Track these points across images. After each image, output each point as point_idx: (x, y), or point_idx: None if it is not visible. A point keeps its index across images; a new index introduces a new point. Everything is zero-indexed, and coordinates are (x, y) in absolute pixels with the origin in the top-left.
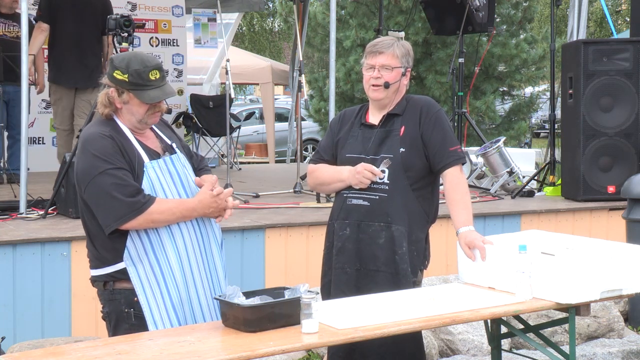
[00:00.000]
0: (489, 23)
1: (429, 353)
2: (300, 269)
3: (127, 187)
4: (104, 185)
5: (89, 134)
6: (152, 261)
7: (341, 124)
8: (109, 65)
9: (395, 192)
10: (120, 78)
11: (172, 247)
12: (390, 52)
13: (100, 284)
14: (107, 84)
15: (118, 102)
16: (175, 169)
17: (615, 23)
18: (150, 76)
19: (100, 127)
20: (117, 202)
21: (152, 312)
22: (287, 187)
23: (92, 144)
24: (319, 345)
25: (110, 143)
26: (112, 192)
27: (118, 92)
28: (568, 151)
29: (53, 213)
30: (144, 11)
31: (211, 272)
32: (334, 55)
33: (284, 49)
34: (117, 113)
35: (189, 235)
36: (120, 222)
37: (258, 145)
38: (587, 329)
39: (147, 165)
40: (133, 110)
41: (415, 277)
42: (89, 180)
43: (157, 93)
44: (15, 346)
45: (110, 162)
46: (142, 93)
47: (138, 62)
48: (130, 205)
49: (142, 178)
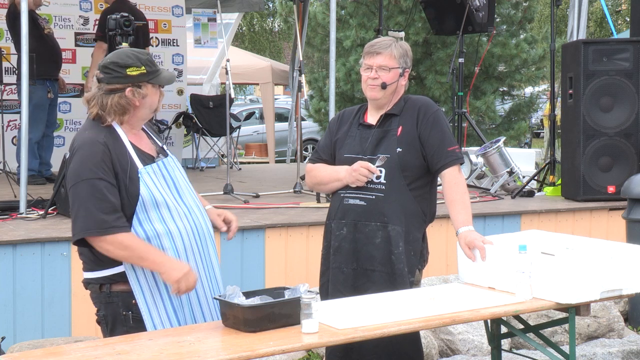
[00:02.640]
0: (489, 23)
1: (429, 353)
2: (300, 269)
3: (102, 202)
4: (81, 194)
5: (83, 138)
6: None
7: (340, 124)
8: (107, 71)
9: (392, 192)
10: (138, 72)
11: (172, 250)
12: (388, 52)
13: (95, 287)
14: (115, 89)
15: (137, 100)
16: (168, 172)
17: (615, 23)
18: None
19: (96, 132)
20: (87, 213)
21: (151, 315)
22: (287, 187)
23: (83, 149)
24: (319, 345)
25: (102, 151)
26: (87, 202)
27: (135, 89)
28: (568, 151)
29: (53, 213)
30: (144, 11)
31: (209, 273)
32: (334, 55)
33: (284, 49)
34: (122, 117)
35: (187, 237)
36: (83, 234)
37: (258, 145)
38: (587, 329)
39: (142, 171)
40: (151, 102)
41: (412, 276)
42: (71, 185)
43: (166, 74)
44: (15, 346)
45: (94, 172)
46: (159, 78)
47: (139, 53)
48: (98, 221)
49: (139, 184)
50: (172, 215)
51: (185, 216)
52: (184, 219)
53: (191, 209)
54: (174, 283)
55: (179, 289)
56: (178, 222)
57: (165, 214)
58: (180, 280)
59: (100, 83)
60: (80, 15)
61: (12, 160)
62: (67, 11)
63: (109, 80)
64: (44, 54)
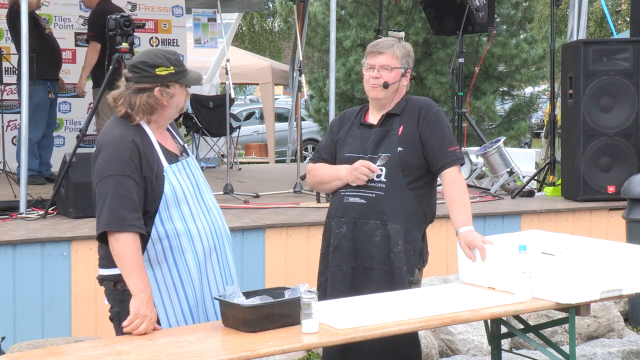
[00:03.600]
0: (489, 23)
1: (429, 353)
2: (300, 268)
3: (126, 199)
4: (107, 189)
5: (112, 135)
6: (170, 264)
7: (341, 124)
8: (136, 70)
9: (392, 191)
10: (167, 72)
11: (191, 251)
12: (390, 52)
13: (109, 284)
14: (144, 88)
15: (165, 100)
16: (192, 172)
17: (615, 23)
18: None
19: (125, 130)
20: (110, 208)
21: (167, 314)
22: (287, 187)
23: (112, 145)
24: (319, 345)
25: (130, 149)
26: (111, 198)
27: (163, 89)
28: (568, 151)
29: (53, 213)
30: (144, 11)
31: (226, 273)
32: (334, 55)
33: (284, 49)
34: (150, 116)
35: (206, 237)
36: (104, 228)
37: (258, 145)
38: (587, 329)
39: (167, 170)
40: (178, 102)
41: (411, 276)
42: (98, 180)
43: (194, 74)
44: (15, 346)
45: (121, 169)
46: (187, 78)
47: (167, 53)
48: (119, 217)
49: (164, 182)
50: (192, 214)
51: (204, 215)
52: (203, 219)
53: (210, 209)
54: (135, 314)
55: (132, 324)
56: (198, 221)
57: (186, 213)
58: (142, 317)
59: (129, 82)
60: (80, 15)
61: (12, 160)
62: (67, 11)
63: (138, 80)
64: (44, 54)
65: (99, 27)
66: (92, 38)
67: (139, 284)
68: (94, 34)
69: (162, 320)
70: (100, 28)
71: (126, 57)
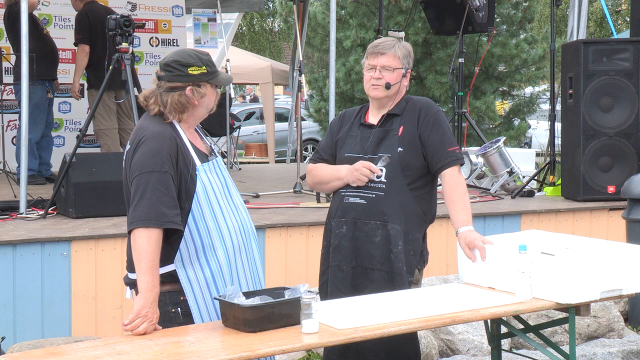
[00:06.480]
0: (489, 23)
1: (429, 353)
2: (300, 269)
3: (165, 196)
4: (146, 184)
5: (151, 131)
6: (202, 263)
7: (341, 124)
8: (169, 69)
9: (392, 191)
10: (199, 72)
11: (222, 249)
12: (391, 53)
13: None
14: (176, 87)
15: (196, 99)
16: (221, 171)
17: (615, 23)
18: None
19: (163, 127)
20: (149, 204)
21: (201, 313)
22: (287, 187)
23: (152, 141)
24: (319, 346)
25: (169, 145)
26: (150, 193)
27: (195, 88)
28: (568, 151)
29: (53, 213)
30: (144, 11)
31: (253, 271)
32: (334, 55)
33: (284, 49)
34: (181, 115)
35: (235, 235)
36: (142, 224)
37: (258, 145)
38: (587, 329)
39: (199, 169)
40: (208, 101)
41: (411, 276)
42: (136, 175)
43: (225, 75)
44: (15, 346)
45: (160, 165)
46: (218, 79)
47: (200, 53)
48: (158, 214)
49: (196, 181)
50: (222, 212)
51: (233, 214)
52: (232, 217)
53: (238, 208)
54: (137, 313)
55: (132, 323)
56: (227, 220)
57: (217, 211)
58: (144, 317)
59: (161, 81)
60: None
61: (12, 160)
62: (67, 11)
63: (170, 78)
64: (43, 54)
65: (85, 28)
66: (80, 41)
67: (148, 283)
68: (81, 36)
69: (196, 321)
70: (86, 29)
71: (126, 57)
